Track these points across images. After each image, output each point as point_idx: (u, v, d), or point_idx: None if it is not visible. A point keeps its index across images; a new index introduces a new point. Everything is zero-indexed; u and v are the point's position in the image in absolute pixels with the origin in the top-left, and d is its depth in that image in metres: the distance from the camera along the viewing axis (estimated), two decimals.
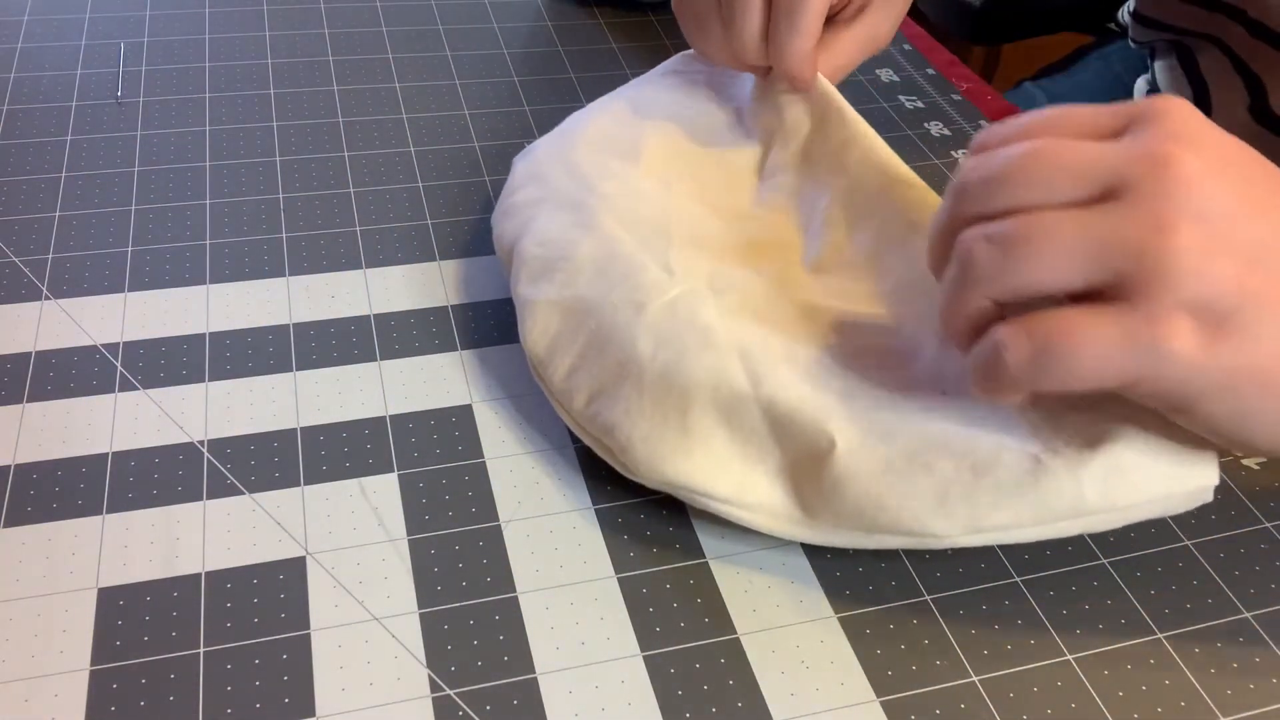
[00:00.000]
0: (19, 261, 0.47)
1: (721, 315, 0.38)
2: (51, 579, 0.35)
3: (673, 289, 0.39)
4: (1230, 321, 0.30)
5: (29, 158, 0.53)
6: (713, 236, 0.42)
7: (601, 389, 0.38)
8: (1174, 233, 0.30)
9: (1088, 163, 0.31)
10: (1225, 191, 0.31)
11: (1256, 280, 0.30)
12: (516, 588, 0.36)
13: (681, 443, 0.36)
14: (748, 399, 0.36)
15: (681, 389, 0.37)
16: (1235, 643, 0.36)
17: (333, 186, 0.52)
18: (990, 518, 0.34)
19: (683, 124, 0.48)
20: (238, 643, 0.34)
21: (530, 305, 0.41)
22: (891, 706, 0.33)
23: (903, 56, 0.66)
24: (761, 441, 0.36)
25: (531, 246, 0.43)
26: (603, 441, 0.38)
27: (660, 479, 0.36)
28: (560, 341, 0.40)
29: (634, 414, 0.37)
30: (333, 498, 0.38)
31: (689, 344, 0.37)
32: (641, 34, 0.66)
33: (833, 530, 0.35)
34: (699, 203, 0.44)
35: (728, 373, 0.36)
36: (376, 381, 0.42)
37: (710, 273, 0.40)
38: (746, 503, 0.36)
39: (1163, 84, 0.67)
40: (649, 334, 0.38)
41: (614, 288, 0.40)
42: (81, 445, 0.39)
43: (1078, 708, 0.34)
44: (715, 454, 0.36)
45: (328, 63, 0.61)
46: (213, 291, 0.46)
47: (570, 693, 0.33)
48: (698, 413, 0.36)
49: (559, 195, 0.44)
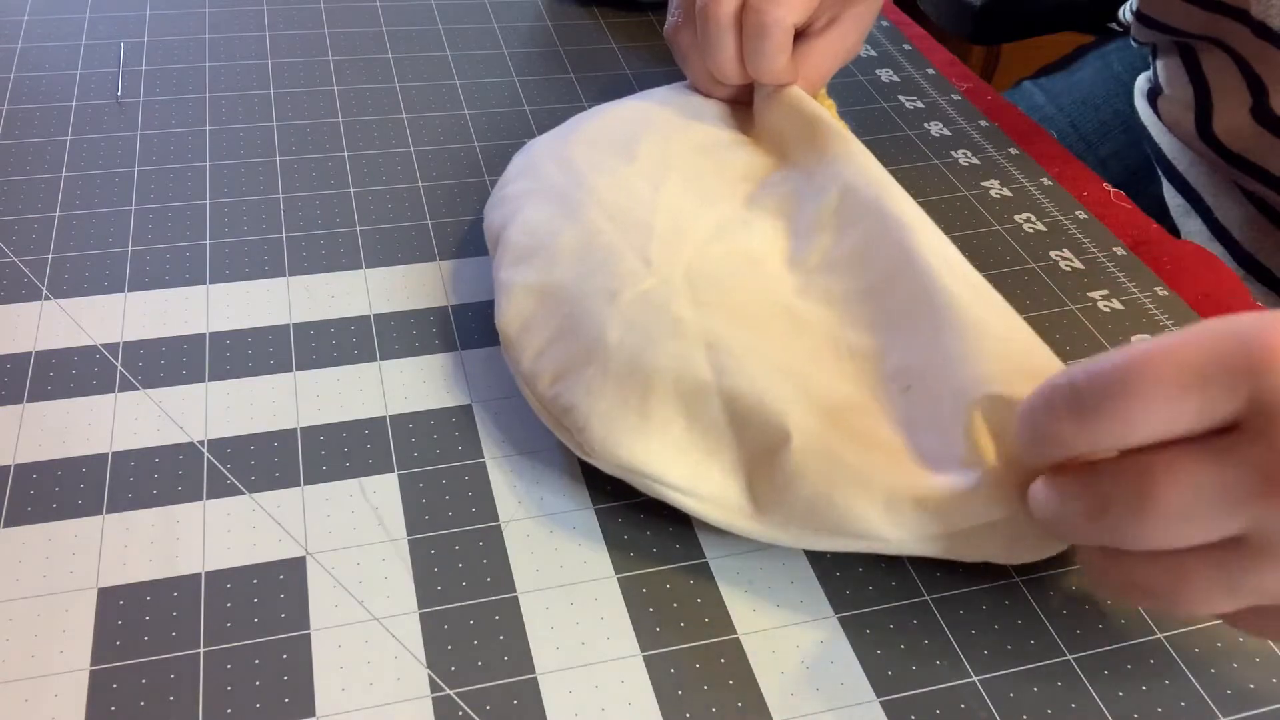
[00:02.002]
0: (19, 261, 0.47)
1: (694, 308, 0.38)
2: (51, 579, 0.35)
3: (648, 280, 0.39)
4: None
5: (29, 158, 0.53)
6: (697, 234, 0.42)
7: (567, 371, 0.38)
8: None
9: (1227, 485, 0.28)
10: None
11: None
12: (516, 588, 0.36)
13: (640, 426, 0.36)
14: (710, 389, 0.36)
15: (645, 374, 0.37)
16: (1235, 642, 0.36)
17: (333, 186, 0.52)
18: (937, 526, 0.34)
19: (684, 131, 0.48)
20: (238, 643, 0.34)
21: (507, 288, 0.42)
22: (891, 706, 0.33)
23: (903, 56, 0.66)
24: (720, 433, 0.36)
25: (516, 234, 0.43)
26: (562, 423, 0.38)
27: (615, 461, 0.36)
28: (533, 324, 0.40)
29: (595, 395, 0.37)
30: (333, 498, 0.38)
31: (657, 332, 0.37)
32: (641, 34, 0.66)
33: (782, 527, 0.35)
34: (687, 201, 0.44)
35: (692, 362, 0.37)
36: (376, 381, 0.42)
37: (689, 268, 0.40)
38: (699, 493, 0.36)
39: (1165, 83, 0.67)
40: (619, 321, 0.38)
41: (590, 275, 0.40)
42: (81, 445, 0.39)
43: (1078, 708, 0.34)
44: (672, 441, 0.36)
45: (328, 63, 0.61)
46: (213, 291, 0.46)
47: (570, 693, 0.33)
48: (658, 399, 0.36)
49: (549, 188, 0.45)
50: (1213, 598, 0.29)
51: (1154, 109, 0.69)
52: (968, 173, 0.56)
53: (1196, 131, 0.64)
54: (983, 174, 0.56)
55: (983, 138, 0.58)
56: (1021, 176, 0.55)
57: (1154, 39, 0.66)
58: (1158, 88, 0.68)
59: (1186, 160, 0.67)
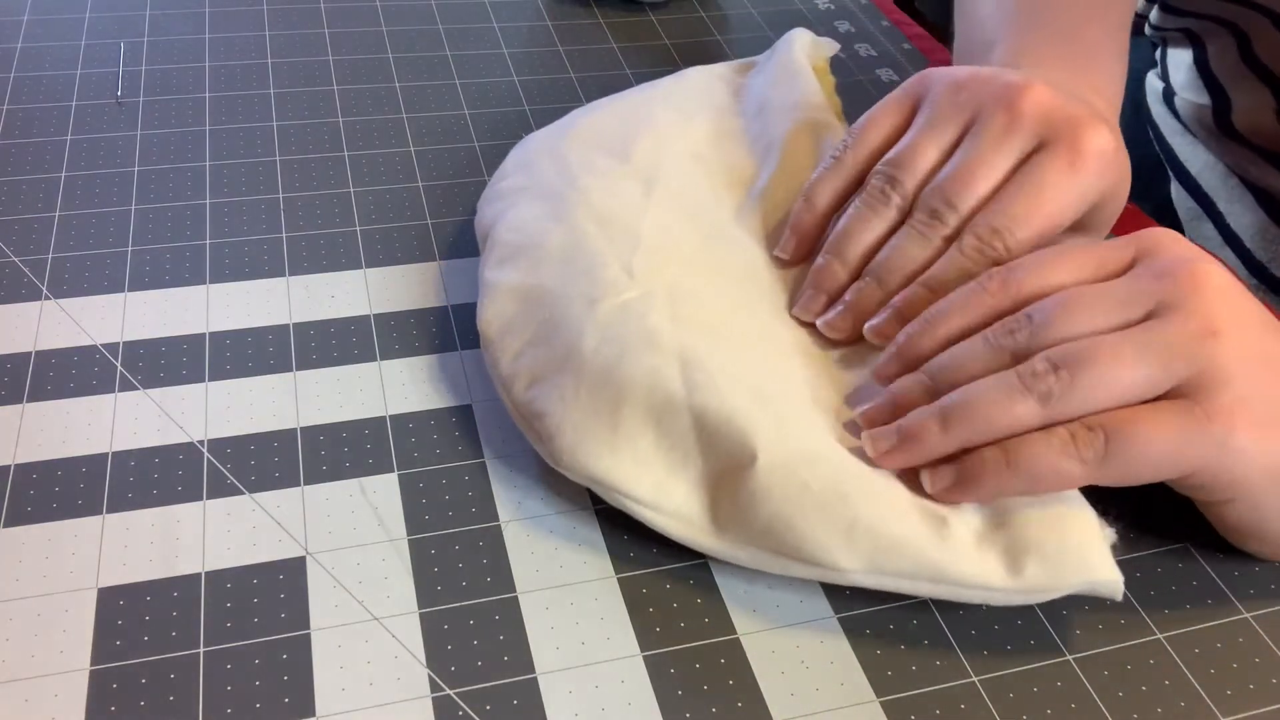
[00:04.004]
0: (19, 261, 0.47)
1: (672, 322, 0.38)
2: (51, 579, 0.35)
3: (629, 290, 0.39)
4: (1275, 416, 0.34)
5: (29, 158, 0.53)
6: (682, 247, 0.42)
7: (542, 376, 0.38)
8: (1223, 336, 0.33)
9: (1126, 292, 0.35)
10: (1249, 301, 0.35)
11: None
12: (516, 588, 0.36)
13: (608, 438, 0.36)
14: (680, 404, 0.36)
15: (617, 386, 0.37)
16: (1235, 643, 0.36)
17: (333, 186, 0.52)
18: (892, 563, 0.34)
19: (678, 133, 0.48)
20: (238, 643, 0.34)
21: (491, 288, 0.42)
22: (891, 706, 0.33)
23: (903, 56, 0.66)
24: (688, 449, 0.36)
25: (504, 232, 0.43)
26: (534, 428, 0.38)
27: (583, 471, 0.36)
28: (513, 325, 0.40)
29: (567, 403, 0.37)
30: (333, 498, 0.38)
31: (632, 344, 0.37)
32: (641, 34, 0.66)
33: (740, 546, 0.35)
34: (677, 211, 0.44)
35: (664, 376, 0.36)
36: (376, 381, 0.42)
37: (671, 282, 0.40)
38: (662, 507, 0.36)
39: (1175, 78, 0.67)
40: (596, 330, 0.38)
41: (573, 279, 0.40)
42: (81, 445, 0.39)
43: (1077, 708, 0.33)
44: (640, 454, 0.36)
45: (328, 63, 0.61)
46: (213, 291, 0.46)
47: (570, 693, 0.33)
48: (628, 411, 0.36)
49: (541, 185, 0.45)
50: (1120, 352, 0.33)
51: (1170, 108, 0.69)
52: None
53: (1216, 125, 0.64)
54: None
55: None
56: None
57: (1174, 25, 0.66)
58: (1168, 84, 0.68)
59: (1200, 163, 0.67)
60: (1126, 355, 0.33)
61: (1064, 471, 0.33)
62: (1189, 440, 0.33)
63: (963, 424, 0.34)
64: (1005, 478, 0.33)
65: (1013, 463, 0.33)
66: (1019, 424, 0.34)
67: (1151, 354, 0.33)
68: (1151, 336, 0.34)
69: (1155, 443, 0.33)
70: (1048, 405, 0.33)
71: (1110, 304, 0.35)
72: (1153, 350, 0.33)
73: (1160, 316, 0.34)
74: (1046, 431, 0.33)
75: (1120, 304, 0.35)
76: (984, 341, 0.36)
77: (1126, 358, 0.33)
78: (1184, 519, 0.38)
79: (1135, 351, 0.33)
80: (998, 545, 0.34)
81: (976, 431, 0.34)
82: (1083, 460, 0.33)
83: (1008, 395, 0.34)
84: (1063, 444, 0.33)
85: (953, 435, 0.34)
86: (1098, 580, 0.33)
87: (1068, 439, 0.33)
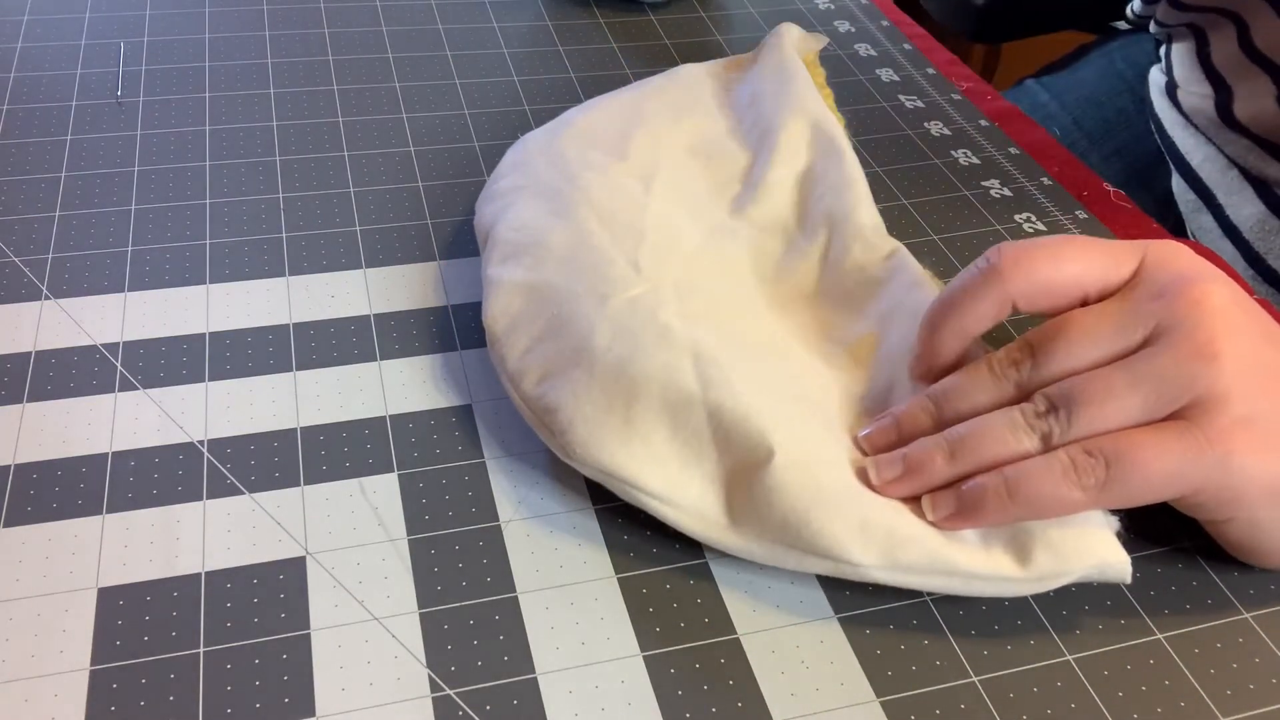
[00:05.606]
0: (19, 261, 0.47)
1: (682, 318, 0.38)
2: (51, 579, 0.35)
3: (638, 286, 0.39)
4: (1274, 435, 0.34)
5: (29, 158, 0.53)
6: (686, 242, 0.43)
7: (553, 371, 0.38)
8: (1222, 358, 0.34)
9: (1125, 316, 0.35)
10: (1250, 318, 0.35)
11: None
12: (516, 588, 0.36)
13: (622, 432, 0.36)
14: (695, 400, 0.36)
15: (631, 381, 0.37)
16: (1235, 643, 0.36)
17: (333, 186, 0.52)
18: (905, 557, 0.34)
19: (674, 128, 0.48)
20: (238, 643, 0.34)
21: (496, 285, 0.42)
22: (891, 706, 0.33)
23: (903, 56, 0.66)
24: (702, 444, 0.36)
25: (506, 231, 0.43)
26: (545, 422, 0.38)
27: (596, 465, 0.36)
28: (520, 321, 0.40)
29: (580, 398, 0.37)
30: (333, 498, 0.38)
31: (645, 340, 0.37)
32: (641, 34, 0.66)
33: (756, 541, 0.35)
34: (677, 206, 0.44)
35: (678, 372, 0.37)
36: (376, 381, 0.42)
37: (677, 277, 0.40)
38: (676, 502, 0.36)
39: (1178, 72, 0.67)
40: (608, 326, 0.38)
41: (580, 277, 0.40)
42: (81, 445, 0.39)
43: (1078, 708, 0.33)
44: (654, 449, 0.36)
45: (328, 63, 0.61)
46: (213, 291, 0.46)
47: (570, 693, 0.33)
48: (642, 406, 0.36)
49: (539, 184, 0.45)
50: (1114, 387, 0.34)
51: (1172, 101, 0.69)
52: (968, 172, 0.56)
53: (1218, 117, 0.64)
54: (983, 174, 0.56)
55: (983, 137, 0.58)
56: (1022, 176, 0.55)
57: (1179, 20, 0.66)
58: (1174, 82, 0.68)
59: (1201, 155, 0.67)
60: (1121, 389, 0.34)
61: (1065, 499, 0.34)
62: (1189, 463, 0.33)
63: (969, 459, 0.35)
64: (1007, 508, 0.34)
65: (1014, 493, 0.34)
66: (1023, 459, 0.35)
67: (1147, 385, 0.34)
68: (1148, 368, 0.34)
69: (1155, 467, 0.33)
70: (1049, 445, 0.34)
71: (1108, 330, 0.35)
72: (1149, 382, 0.34)
73: (1158, 341, 0.34)
74: (1047, 457, 0.34)
75: (1119, 330, 0.35)
76: (989, 370, 0.36)
77: (1122, 392, 0.34)
78: (1184, 520, 0.38)
79: (1130, 385, 0.34)
80: (1004, 537, 0.34)
81: (981, 466, 0.35)
82: (1084, 488, 0.33)
83: (1012, 433, 0.35)
84: (1064, 471, 0.33)
85: (957, 468, 0.35)
86: (1106, 562, 0.34)
87: (1069, 466, 0.33)
